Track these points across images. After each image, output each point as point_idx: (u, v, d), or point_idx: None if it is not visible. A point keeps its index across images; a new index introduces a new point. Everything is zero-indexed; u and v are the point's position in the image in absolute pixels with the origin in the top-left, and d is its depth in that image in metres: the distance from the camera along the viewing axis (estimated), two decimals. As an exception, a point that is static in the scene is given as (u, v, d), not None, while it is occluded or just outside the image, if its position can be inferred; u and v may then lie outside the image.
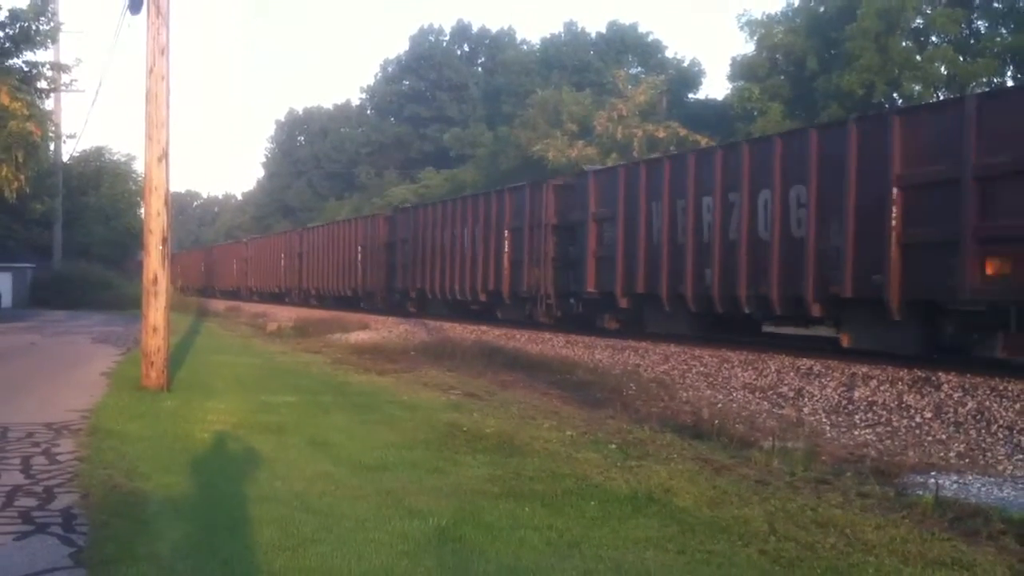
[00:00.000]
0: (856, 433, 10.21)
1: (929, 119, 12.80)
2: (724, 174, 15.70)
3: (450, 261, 26.08)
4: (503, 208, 23.27)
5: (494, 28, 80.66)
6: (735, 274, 15.31)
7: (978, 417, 10.01)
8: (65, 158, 49.64)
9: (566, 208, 20.95)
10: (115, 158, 60.74)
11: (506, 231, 23.09)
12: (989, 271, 11.39)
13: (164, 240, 12.45)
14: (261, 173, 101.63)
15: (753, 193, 15.01)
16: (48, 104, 36.87)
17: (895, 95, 38.69)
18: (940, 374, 11.59)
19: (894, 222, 12.51)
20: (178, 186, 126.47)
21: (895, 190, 12.51)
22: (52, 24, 29.73)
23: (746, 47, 65.49)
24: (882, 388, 11.64)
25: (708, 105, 53.56)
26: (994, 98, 13.57)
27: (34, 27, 28.35)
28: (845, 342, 14.00)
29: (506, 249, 23.06)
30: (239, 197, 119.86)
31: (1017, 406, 10.02)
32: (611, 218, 18.80)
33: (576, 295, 20.56)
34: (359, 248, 34.12)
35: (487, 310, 25.15)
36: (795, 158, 14.28)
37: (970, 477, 7.91)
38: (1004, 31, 38.39)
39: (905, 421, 10.37)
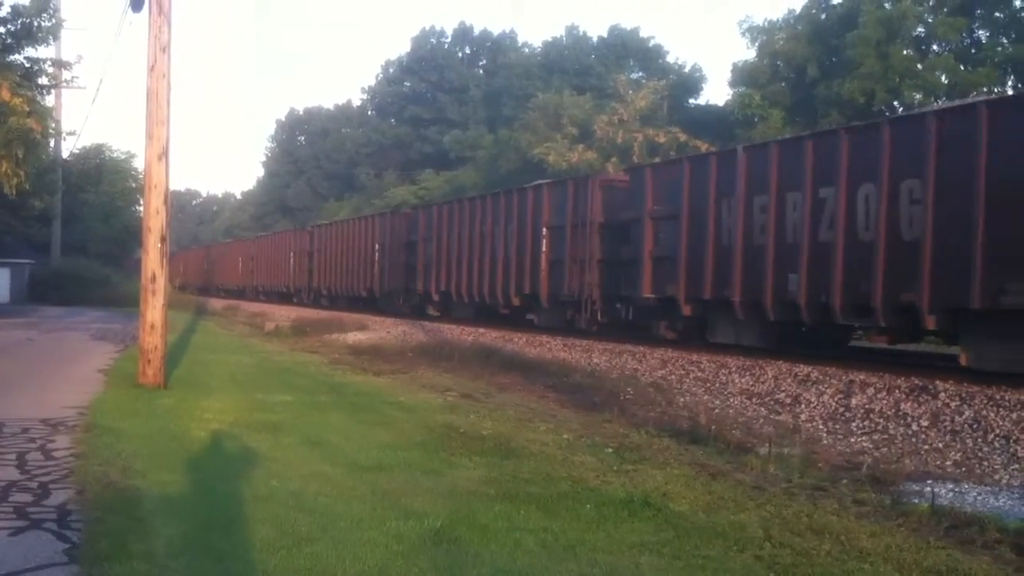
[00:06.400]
0: (853, 440, 10.21)
1: None
2: (815, 167, 14.18)
3: (479, 261, 24.62)
4: (540, 205, 21.94)
5: (496, 31, 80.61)
6: (828, 279, 13.73)
7: (975, 426, 10.01)
8: (65, 155, 49.64)
9: (615, 206, 19.58)
10: (115, 155, 60.73)
11: (544, 229, 21.71)
12: None
13: (163, 238, 12.45)
14: (261, 172, 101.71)
15: (852, 188, 13.48)
16: (49, 100, 36.89)
17: (896, 103, 38.75)
18: (937, 383, 11.58)
19: None
20: (178, 184, 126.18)
21: None
22: (54, 21, 29.64)
23: (747, 53, 65.44)
24: (879, 396, 11.63)
25: (709, 111, 53.55)
26: None
27: (36, 23, 28.28)
28: (965, 361, 12.37)
29: (544, 249, 21.65)
30: (239, 196, 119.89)
31: (1014, 415, 10.01)
32: (672, 216, 17.23)
33: (627, 300, 19.04)
34: (376, 247, 32.60)
35: (520, 314, 23.91)
36: (907, 148, 12.72)
37: (966, 486, 7.91)
38: (1005, 41, 38.50)
39: (902, 429, 10.37)
